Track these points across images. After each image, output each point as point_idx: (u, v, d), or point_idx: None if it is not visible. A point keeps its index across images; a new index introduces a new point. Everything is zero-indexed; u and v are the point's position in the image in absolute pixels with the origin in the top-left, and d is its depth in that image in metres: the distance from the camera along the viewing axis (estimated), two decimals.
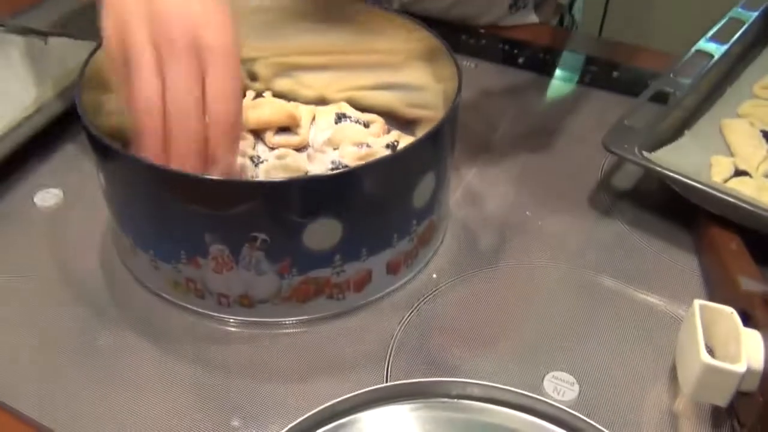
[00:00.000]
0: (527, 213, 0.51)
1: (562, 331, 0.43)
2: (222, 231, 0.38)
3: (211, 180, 0.37)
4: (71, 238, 0.48)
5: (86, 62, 0.45)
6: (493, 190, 0.54)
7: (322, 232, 0.39)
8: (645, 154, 0.49)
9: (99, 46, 0.46)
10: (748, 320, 0.38)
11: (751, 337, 0.37)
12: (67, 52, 0.59)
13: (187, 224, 0.39)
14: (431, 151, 0.42)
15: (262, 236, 0.38)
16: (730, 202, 0.45)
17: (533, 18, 0.78)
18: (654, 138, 0.51)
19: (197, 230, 0.38)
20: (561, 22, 0.83)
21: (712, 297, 0.45)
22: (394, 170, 0.39)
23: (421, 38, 0.51)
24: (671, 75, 0.56)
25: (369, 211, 0.40)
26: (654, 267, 0.48)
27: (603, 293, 0.46)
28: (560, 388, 0.40)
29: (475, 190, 0.54)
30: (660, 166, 0.47)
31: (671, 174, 0.47)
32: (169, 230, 0.40)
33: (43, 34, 0.62)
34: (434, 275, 0.46)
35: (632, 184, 0.55)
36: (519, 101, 0.64)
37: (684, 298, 0.45)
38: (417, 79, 0.54)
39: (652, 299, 0.46)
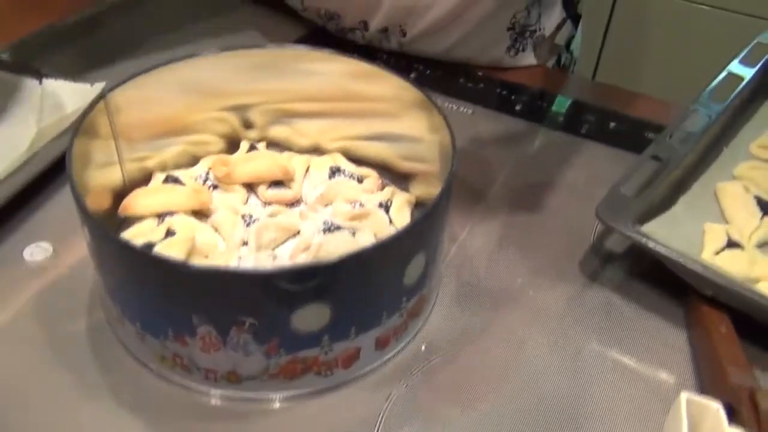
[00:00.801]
0: (519, 280, 0.51)
1: (552, 406, 0.43)
2: (209, 314, 0.38)
3: (197, 269, 0.37)
4: (59, 297, 0.48)
5: (82, 117, 0.45)
6: (486, 253, 0.54)
7: (310, 316, 0.38)
8: (637, 227, 0.49)
9: (98, 99, 0.46)
10: (733, 415, 0.38)
11: None
12: (63, 94, 0.59)
13: (173, 305, 0.38)
14: (423, 232, 0.42)
15: (250, 320, 0.38)
16: (719, 283, 0.45)
17: (531, 60, 0.78)
18: (648, 205, 0.51)
19: (184, 311, 0.38)
20: (558, 60, 0.83)
21: (700, 377, 0.45)
22: (384, 256, 0.39)
23: (408, 87, 0.51)
24: (668, 138, 0.56)
25: (358, 294, 0.40)
26: (643, 340, 0.48)
27: (592, 367, 0.46)
28: None
29: (467, 252, 0.53)
30: (651, 241, 0.47)
31: (662, 251, 0.47)
32: (156, 309, 0.39)
33: (38, 74, 0.61)
34: (423, 347, 0.46)
35: (624, 248, 0.55)
36: (514, 152, 0.64)
37: (672, 372, 0.46)
38: (411, 129, 0.53)
39: (641, 373, 0.46)
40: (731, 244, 0.51)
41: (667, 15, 1.23)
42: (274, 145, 0.58)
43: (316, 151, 0.59)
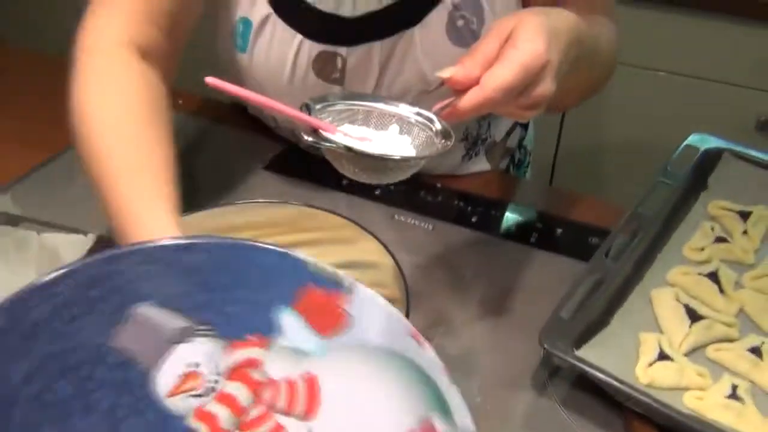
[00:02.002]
0: (477, 399, 0.57)
1: None
2: None
3: None
4: None
5: None
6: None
7: None
8: (574, 351, 0.55)
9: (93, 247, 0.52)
10: None
11: None
12: (59, 246, 0.65)
13: None
14: None
15: None
16: (646, 403, 0.51)
17: (485, 165, 0.85)
18: (586, 325, 0.58)
19: None
20: (513, 158, 0.90)
21: None
22: None
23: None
24: (604, 253, 0.63)
25: None
26: None
27: None
28: None
29: None
30: (586, 365, 0.53)
31: (596, 375, 0.53)
32: None
33: (37, 224, 0.68)
34: None
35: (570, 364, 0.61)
36: (473, 266, 0.70)
37: None
38: (369, 254, 0.59)
39: None
40: (662, 356, 0.57)
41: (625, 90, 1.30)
42: None
43: None
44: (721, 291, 0.63)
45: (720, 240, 0.68)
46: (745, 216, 0.70)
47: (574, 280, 0.61)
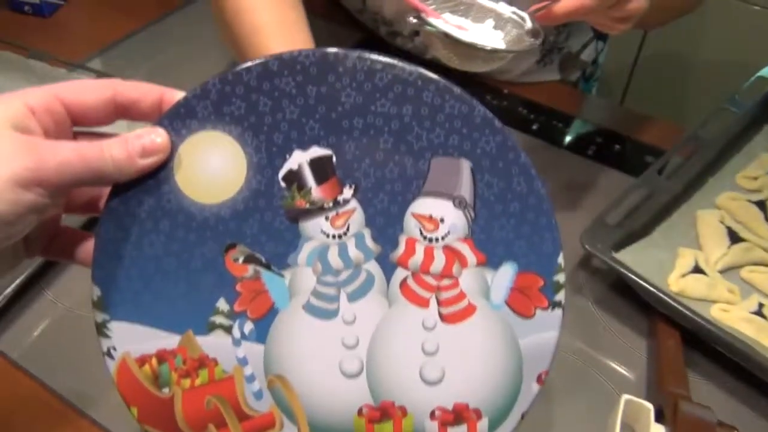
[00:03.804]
0: None
1: None
2: None
3: None
4: None
5: None
6: None
7: None
8: (613, 253, 0.59)
9: None
10: (662, 415, 0.49)
11: (658, 431, 0.48)
12: None
13: None
14: None
15: None
16: (676, 308, 0.55)
17: (556, 75, 0.86)
18: (628, 233, 0.61)
19: None
20: (584, 72, 0.91)
21: (649, 382, 0.55)
22: None
23: None
24: (657, 174, 0.65)
25: None
26: (614, 342, 0.58)
27: (561, 366, 0.57)
28: None
29: None
30: (621, 266, 0.57)
31: (630, 276, 0.57)
32: None
33: None
34: None
35: (606, 266, 0.65)
36: None
37: (634, 371, 0.56)
38: None
39: (609, 369, 0.57)
40: (697, 270, 0.60)
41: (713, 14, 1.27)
42: None
43: None
44: (767, 219, 0.65)
45: None
46: None
47: (624, 191, 0.64)
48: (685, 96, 1.37)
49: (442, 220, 0.38)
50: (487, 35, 0.56)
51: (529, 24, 0.55)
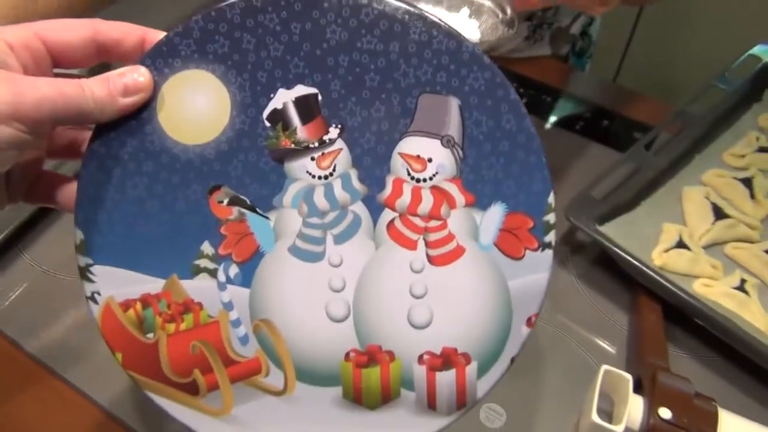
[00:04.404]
0: None
1: None
2: None
3: None
4: None
5: None
6: None
7: None
8: (598, 226, 0.59)
9: None
10: (641, 387, 0.49)
11: (636, 402, 0.48)
12: None
13: None
14: None
15: None
16: (658, 281, 0.55)
17: (546, 50, 0.86)
18: (613, 207, 0.61)
19: None
20: (574, 46, 0.91)
21: (629, 356, 0.55)
22: None
23: None
24: (644, 149, 0.65)
25: None
26: (596, 316, 0.58)
27: (544, 339, 0.57)
28: (491, 417, 0.52)
29: None
30: (605, 240, 0.57)
31: (614, 249, 0.57)
32: None
33: None
34: None
35: (590, 239, 0.64)
36: None
37: (614, 344, 0.56)
38: None
39: (590, 342, 0.57)
40: (681, 245, 0.60)
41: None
42: None
43: None
44: (752, 197, 0.65)
45: (763, 150, 0.69)
46: None
47: (610, 166, 0.63)
48: (678, 75, 1.37)
49: (429, 160, 0.37)
50: (461, 25, 0.55)
51: (505, 13, 0.55)
